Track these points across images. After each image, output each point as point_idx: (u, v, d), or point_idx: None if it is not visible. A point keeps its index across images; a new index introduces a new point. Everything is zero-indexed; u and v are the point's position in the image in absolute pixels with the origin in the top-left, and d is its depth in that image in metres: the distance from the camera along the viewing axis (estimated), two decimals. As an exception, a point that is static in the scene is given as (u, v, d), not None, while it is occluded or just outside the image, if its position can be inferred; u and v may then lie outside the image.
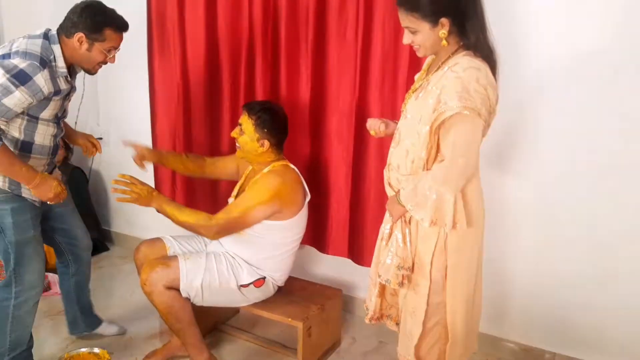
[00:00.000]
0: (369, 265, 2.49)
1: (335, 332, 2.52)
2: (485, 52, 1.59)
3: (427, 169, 1.65)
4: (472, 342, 1.86)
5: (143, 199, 2.07)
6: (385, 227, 1.82)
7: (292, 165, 2.28)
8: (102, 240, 3.57)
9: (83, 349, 2.23)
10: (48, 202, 2.04)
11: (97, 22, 1.95)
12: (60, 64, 1.95)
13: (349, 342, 2.56)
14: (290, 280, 2.42)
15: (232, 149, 2.70)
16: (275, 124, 2.23)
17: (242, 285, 2.19)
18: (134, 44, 3.06)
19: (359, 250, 2.55)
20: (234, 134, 2.26)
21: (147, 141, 3.12)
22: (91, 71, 2.08)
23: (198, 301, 2.17)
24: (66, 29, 1.96)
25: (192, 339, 2.20)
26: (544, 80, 2.13)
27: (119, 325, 2.56)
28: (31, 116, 1.95)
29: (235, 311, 2.71)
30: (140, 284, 2.13)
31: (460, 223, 1.63)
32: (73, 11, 1.97)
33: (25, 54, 1.84)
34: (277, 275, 2.28)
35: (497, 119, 1.68)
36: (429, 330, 1.76)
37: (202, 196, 2.98)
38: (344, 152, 2.49)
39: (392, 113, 2.30)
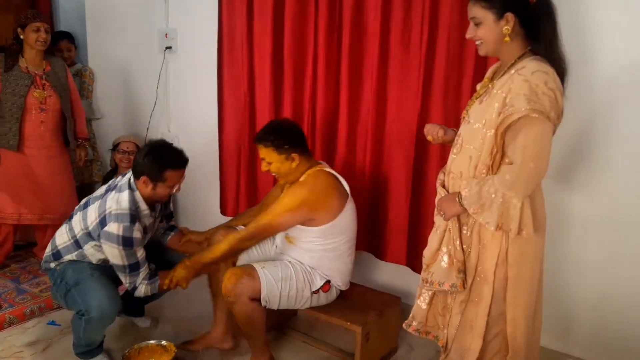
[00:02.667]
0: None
1: (392, 339, 2.52)
2: (555, 60, 1.58)
3: (491, 174, 1.63)
4: (534, 354, 1.82)
5: (186, 276, 2.20)
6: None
7: (327, 169, 2.27)
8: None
9: (152, 341, 2.34)
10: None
11: (157, 168, 2.13)
12: (143, 206, 2.20)
13: (406, 350, 2.54)
14: (351, 285, 2.44)
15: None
16: (292, 134, 2.24)
17: (313, 292, 2.24)
18: (206, 55, 3.24)
19: (417, 257, 2.55)
20: (263, 169, 2.27)
21: (214, 147, 3.27)
22: (162, 200, 2.30)
23: (273, 307, 2.24)
24: (135, 173, 2.18)
25: (260, 343, 2.29)
26: (616, 87, 2.07)
27: (151, 319, 2.71)
28: None
29: (293, 312, 2.77)
30: (223, 293, 2.17)
31: (527, 229, 1.60)
32: (139, 154, 2.20)
33: (117, 217, 2.11)
34: (339, 279, 2.31)
35: (566, 130, 1.66)
36: (488, 342, 1.75)
37: (263, 187, 3.08)
38: (404, 159, 2.52)
39: (456, 122, 2.31)
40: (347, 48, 2.58)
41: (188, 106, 3.54)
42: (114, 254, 2.15)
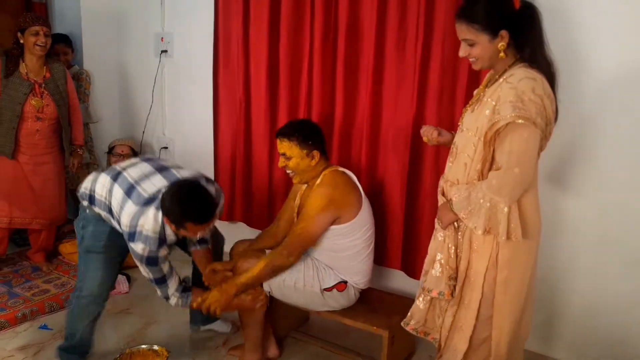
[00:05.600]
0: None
1: (411, 342, 2.51)
2: (543, 65, 1.59)
3: (482, 180, 1.65)
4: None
5: (219, 299, 2.15)
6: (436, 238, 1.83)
7: (341, 169, 2.29)
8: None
9: (143, 346, 2.32)
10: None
11: (178, 216, 1.97)
12: (169, 231, 2.07)
13: (422, 352, 2.53)
14: (369, 290, 2.43)
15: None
16: (315, 132, 2.26)
17: (325, 289, 2.24)
18: (201, 59, 3.24)
19: (412, 262, 2.55)
20: (280, 164, 2.25)
21: (209, 151, 3.26)
22: (192, 239, 2.28)
23: (278, 295, 2.24)
24: (160, 207, 2.02)
25: (255, 337, 2.30)
26: (605, 94, 2.08)
27: (230, 323, 2.64)
28: None
29: (305, 318, 2.74)
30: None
31: (515, 234, 1.61)
32: (167, 192, 2.01)
33: (146, 239, 2.02)
34: (357, 279, 2.29)
35: (557, 134, 1.66)
36: (477, 346, 1.75)
37: (259, 194, 3.10)
38: (399, 165, 2.52)
39: (450, 127, 2.30)
40: (343, 53, 2.58)
41: (183, 110, 3.54)
42: (139, 266, 2.14)
